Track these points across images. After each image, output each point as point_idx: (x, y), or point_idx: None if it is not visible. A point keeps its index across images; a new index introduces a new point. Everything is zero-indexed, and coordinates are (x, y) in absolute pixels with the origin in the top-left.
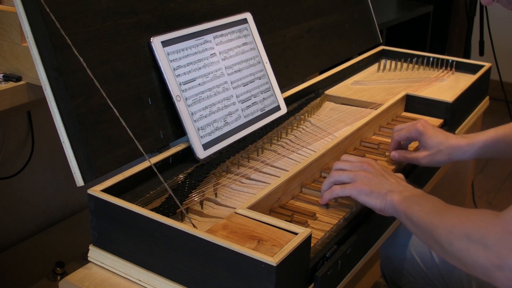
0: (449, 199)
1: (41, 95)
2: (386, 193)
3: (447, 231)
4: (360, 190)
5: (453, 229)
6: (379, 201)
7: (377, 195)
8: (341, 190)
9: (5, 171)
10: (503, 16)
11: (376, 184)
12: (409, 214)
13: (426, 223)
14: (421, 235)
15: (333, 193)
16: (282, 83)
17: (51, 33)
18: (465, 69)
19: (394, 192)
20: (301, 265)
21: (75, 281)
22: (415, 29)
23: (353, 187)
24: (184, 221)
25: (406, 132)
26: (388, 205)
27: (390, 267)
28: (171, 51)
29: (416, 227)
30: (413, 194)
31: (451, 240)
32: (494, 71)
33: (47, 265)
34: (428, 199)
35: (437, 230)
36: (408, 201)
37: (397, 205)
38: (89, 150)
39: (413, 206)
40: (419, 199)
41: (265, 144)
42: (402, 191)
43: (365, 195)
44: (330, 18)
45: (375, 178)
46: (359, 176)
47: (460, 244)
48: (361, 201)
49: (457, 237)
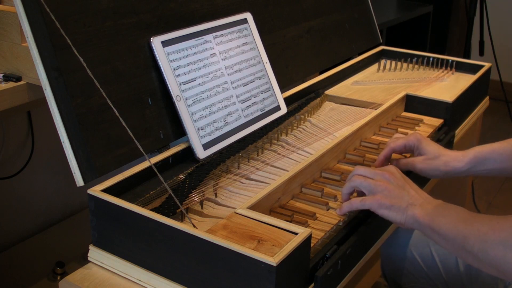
0: (449, 199)
1: (41, 95)
2: (407, 207)
3: (480, 240)
4: (380, 204)
5: (486, 237)
6: (399, 215)
7: (398, 209)
8: (361, 204)
9: (5, 171)
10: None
11: (397, 197)
12: (435, 227)
13: (455, 234)
14: (451, 247)
15: (352, 206)
16: (282, 83)
17: (51, 33)
18: (465, 69)
19: (415, 205)
20: (301, 265)
21: (75, 281)
22: (415, 29)
23: (373, 200)
24: (184, 221)
25: (404, 140)
26: (410, 219)
27: (391, 266)
28: (171, 51)
29: (444, 239)
30: (435, 206)
31: (486, 249)
32: (494, 71)
33: (47, 265)
34: (451, 209)
35: (469, 240)
36: (431, 213)
37: (420, 219)
38: (89, 150)
39: (438, 219)
40: (443, 210)
41: (265, 144)
42: (423, 203)
43: (386, 209)
44: (330, 18)
45: (396, 189)
46: (379, 187)
47: (496, 252)
48: (380, 215)
49: (492, 245)
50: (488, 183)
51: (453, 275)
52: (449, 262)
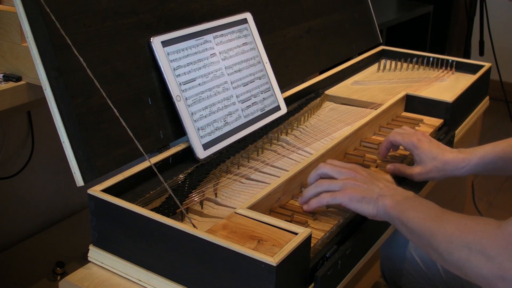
0: (449, 199)
1: (41, 95)
2: (378, 198)
3: (446, 240)
4: (351, 197)
5: (453, 238)
6: (371, 207)
7: (369, 200)
8: (332, 198)
9: (5, 171)
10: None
11: (366, 190)
12: (404, 220)
13: (423, 230)
14: (418, 242)
15: (322, 201)
16: (282, 83)
17: (51, 33)
18: (465, 69)
19: (386, 196)
20: (301, 265)
21: (75, 281)
22: (415, 29)
23: (344, 194)
24: (184, 221)
25: (401, 140)
26: (381, 210)
27: (390, 267)
28: (171, 51)
29: (412, 233)
30: (406, 198)
31: (451, 250)
32: (494, 71)
33: (47, 265)
34: (422, 204)
35: (436, 238)
36: (401, 205)
37: (390, 209)
38: (89, 150)
39: (407, 212)
40: (413, 203)
41: (265, 144)
42: (393, 194)
43: (357, 201)
44: (330, 18)
45: (365, 184)
46: (348, 183)
47: (461, 254)
48: (352, 208)
49: (457, 246)
50: (488, 183)
51: (452, 276)
52: None
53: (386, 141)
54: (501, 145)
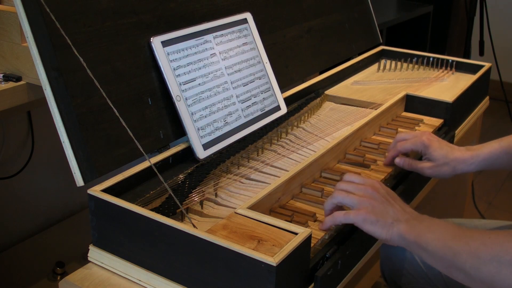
0: (449, 199)
1: (41, 95)
2: (392, 223)
3: (472, 256)
4: (364, 218)
5: (479, 253)
6: (385, 231)
7: (383, 224)
8: (344, 217)
9: (5, 171)
10: (503, 16)
11: (381, 212)
12: (422, 244)
13: (444, 251)
14: (440, 264)
15: (335, 220)
16: (282, 83)
17: (51, 33)
18: (465, 69)
19: (401, 221)
20: (301, 265)
21: (75, 281)
22: (415, 29)
23: (357, 214)
24: (184, 221)
25: (411, 145)
26: (395, 236)
27: (390, 267)
28: (171, 51)
29: (432, 256)
30: (421, 221)
31: (478, 266)
32: (494, 71)
33: (47, 265)
34: (439, 225)
35: (460, 256)
36: (418, 229)
37: (406, 235)
38: (89, 150)
39: (425, 235)
40: (430, 226)
41: (265, 144)
42: (408, 219)
43: (370, 224)
44: (330, 18)
45: (380, 205)
46: (363, 202)
47: (490, 268)
48: (365, 230)
49: (485, 261)
50: (488, 183)
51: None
52: None
53: (394, 150)
54: (506, 140)
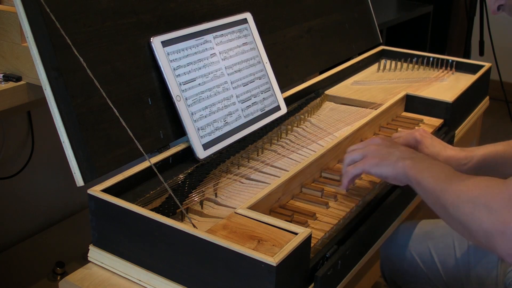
0: None
1: (41, 95)
2: (398, 160)
3: (454, 195)
4: (370, 163)
5: (460, 193)
6: (390, 169)
7: (388, 163)
8: (354, 169)
9: (5, 171)
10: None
11: (386, 154)
12: (419, 179)
13: (434, 188)
14: (429, 200)
15: (348, 174)
16: (282, 83)
17: (51, 33)
18: (465, 69)
19: (406, 158)
20: (301, 265)
21: (75, 281)
22: (415, 29)
23: (364, 162)
24: (184, 221)
25: (404, 140)
26: (400, 171)
27: (390, 267)
28: (171, 51)
29: (425, 192)
30: (424, 160)
31: (458, 204)
32: (494, 71)
33: (47, 265)
34: (439, 166)
35: (445, 195)
36: (419, 166)
37: (408, 170)
38: (89, 150)
39: (423, 172)
40: (430, 165)
41: (265, 144)
42: (413, 157)
43: (376, 165)
44: (330, 18)
45: (385, 148)
46: (369, 150)
47: (465, 208)
48: (374, 174)
49: (463, 201)
50: None
51: (452, 276)
52: (449, 263)
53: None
54: (501, 145)
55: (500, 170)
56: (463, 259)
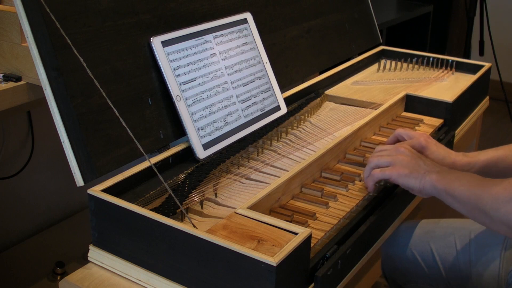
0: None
1: (41, 95)
2: (425, 174)
3: (492, 199)
4: (399, 173)
5: (498, 195)
6: (418, 182)
7: (416, 175)
8: (381, 174)
9: (5, 171)
10: (503, 16)
11: (414, 166)
12: (450, 190)
13: (469, 195)
14: (464, 208)
15: (374, 177)
16: (282, 83)
17: (51, 33)
18: (465, 69)
19: (432, 172)
20: (301, 265)
21: (75, 281)
22: (415, 29)
23: (393, 170)
24: (184, 221)
25: (408, 138)
26: (428, 185)
27: (391, 266)
28: (171, 51)
29: (459, 201)
30: (451, 172)
31: (498, 207)
32: (494, 71)
33: (47, 265)
34: (466, 175)
35: (482, 200)
36: (447, 178)
37: (436, 183)
38: (89, 150)
39: (453, 182)
40: (458, 175)
41: (265, 144)
42: (439, 171)
43: (405, 176)
44: (330, 18)
45: (413, 160)
46: (397, 159)
47: (507, 207)
48: (400, 184)
49: (503, 202)
50: None
51: (453, 274)
52: (450, 262)
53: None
54: (502, 149)
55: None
56: (464, 258)
